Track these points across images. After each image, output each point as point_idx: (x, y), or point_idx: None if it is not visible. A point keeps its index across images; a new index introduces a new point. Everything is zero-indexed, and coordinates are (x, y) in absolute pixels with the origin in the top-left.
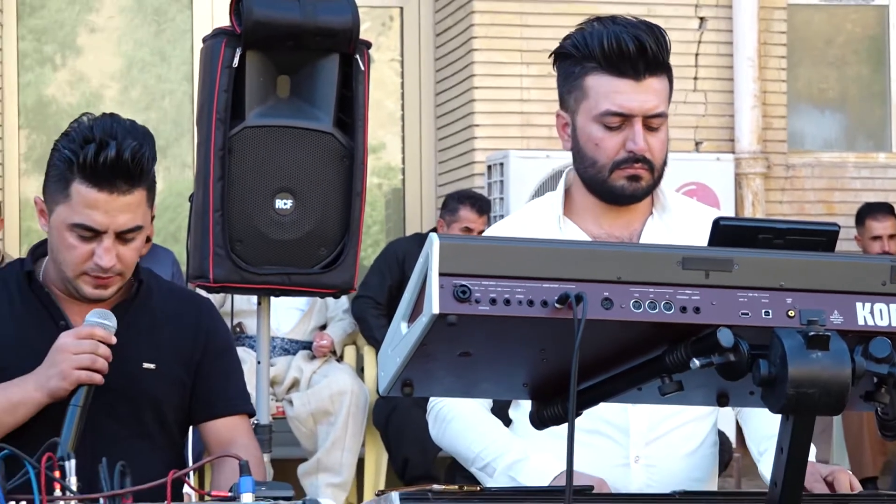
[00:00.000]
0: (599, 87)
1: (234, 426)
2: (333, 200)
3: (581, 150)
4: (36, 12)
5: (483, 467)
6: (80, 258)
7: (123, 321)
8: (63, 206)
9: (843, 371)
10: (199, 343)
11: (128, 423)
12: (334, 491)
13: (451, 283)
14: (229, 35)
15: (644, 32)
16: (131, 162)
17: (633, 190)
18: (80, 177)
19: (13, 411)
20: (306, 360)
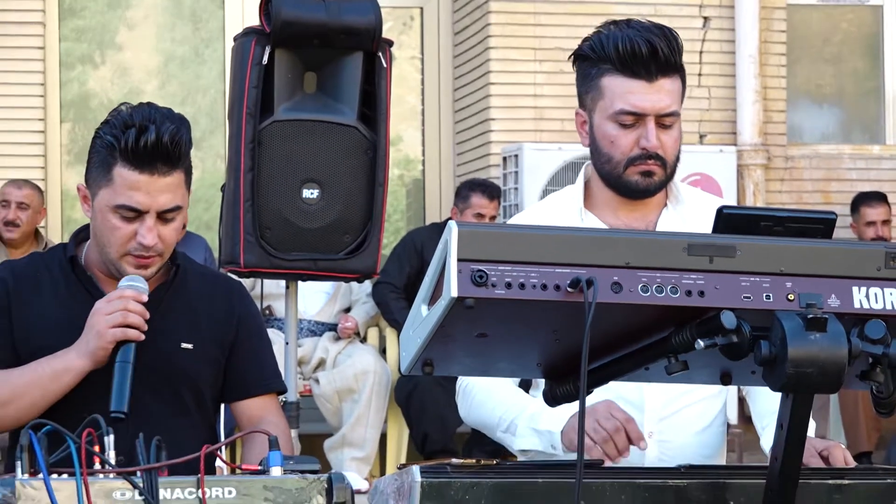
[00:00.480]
0: (614, 88)
1: (265, 405)
2: (357, 190)
3: (598, 146)
4: (77, 13)
5: (507, 428)
6: (124, 238)
7: (162, 303)
8: (106, 190)
9: (840, 352)
10: (232, 324)
11: (167, 401)
12: (358, 464)
13: (468, 268)
14: (259, 34)
15: (657, 36)
16: (170, 145)
17: (647, 185)
18: (121, 160)
19: (58, 379)
20: (332, 341)
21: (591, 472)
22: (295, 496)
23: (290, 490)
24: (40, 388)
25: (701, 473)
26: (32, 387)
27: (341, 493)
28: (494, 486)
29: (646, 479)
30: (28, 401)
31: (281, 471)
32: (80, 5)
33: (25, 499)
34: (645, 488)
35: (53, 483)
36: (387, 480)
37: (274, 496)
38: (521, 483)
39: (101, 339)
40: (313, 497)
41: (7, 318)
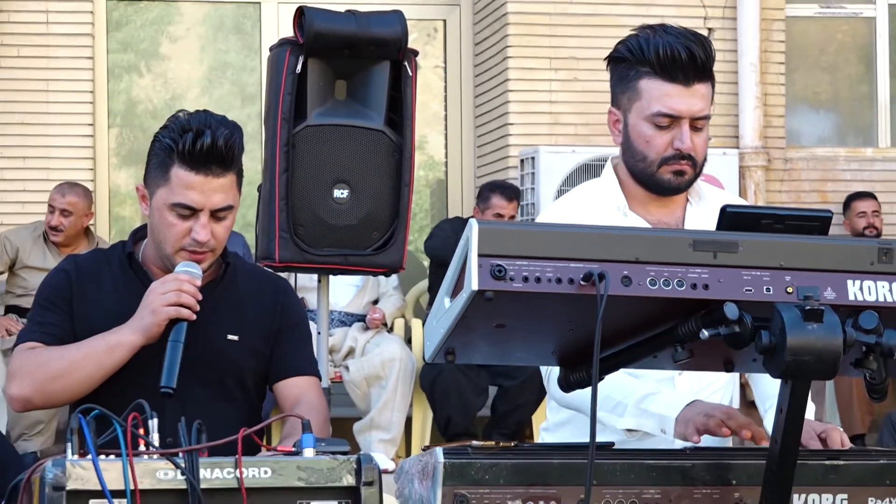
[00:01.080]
0: (652, 91)
1: (304, 385)
2: (384, 190)
3: (632, 145)
4: (122, 27)
5: (613, 408)
6: (179, 234)
7: (212, 297)
8: (163, 189)
9: (836, 341)
10: (276, 317)
11: (213, 388)
12: (385, 446)
13: (488, 263)
14: (293, 45)
15: (694, 43)
16: (224, 148)
17: (678, 183)
18: (179, 162)
19: (111, 353)
20: (361, 331)
21: (602, 454)
22: (326, 476)
23: (321, 470)
24: (95, 362)
25: (705, 454)
26: (87, 360)
27: (369, 472)
28: (512, 467)
29: (653, 460)
30: (83, 373)
31: (313, 452)
32: (127, 20)
33: (75, 478)
34: (652, 468)
35: (101, 464)
36: (412, 461)
37: (307, 476)
38: (538, 463)
39: (155, 317)
40: (343, 476)
41: (69, 304)
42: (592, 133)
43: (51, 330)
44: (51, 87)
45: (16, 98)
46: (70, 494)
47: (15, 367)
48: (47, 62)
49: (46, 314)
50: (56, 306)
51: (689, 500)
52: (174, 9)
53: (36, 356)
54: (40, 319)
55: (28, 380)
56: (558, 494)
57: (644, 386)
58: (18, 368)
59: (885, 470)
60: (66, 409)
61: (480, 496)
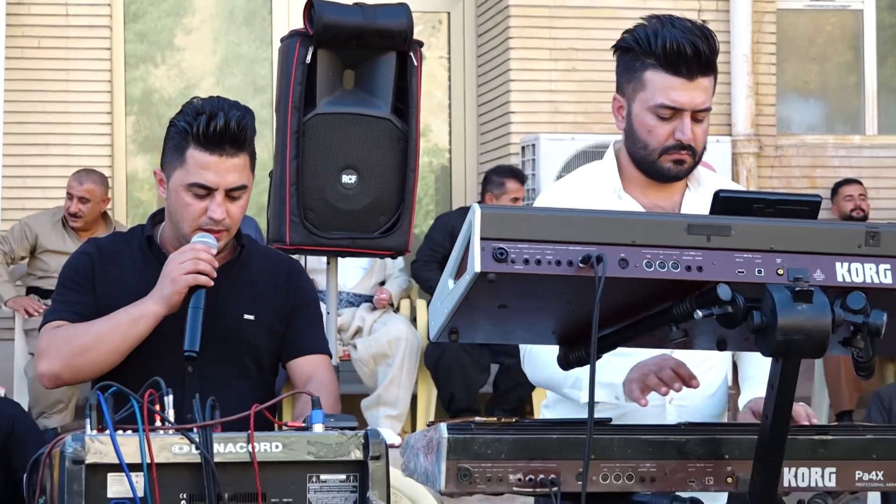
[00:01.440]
0: (656, 82)
1: (315, 363)
2: (391, 176)
3: (635, 132)
4: (139, 18)
5: (573, 384)
6: (196, 214)
7: (228, 278)
8: (180, 171)
9: (825, 321)
10: (289, 298)
11: (231, 366)
12: (392, 422)
13: (490, 246)
14: (303, 36)
15: (699, 38)
16: (237, 129)
17: (678, 172)
18: (194, 143)
19: (135, 324)
20: (368, 311)
21: (600, 429)
22: (335, 450)
23: (330, 444)
24: (120, 334)
25: (699, 430)
26: (112, 333)
27: (376, 447)
28: (513, 442)
29: (649, 436)
30: (109, 346)
31: (322, 427)
32: (143, 11)
33: (94, 452)
34: (648, 443)
35: (119, 438)
36: (417, 436)
37: (316, 450)
38: (538, 438)
39: (175, 285)
40: (352, 451)
41: (91, 284)
42: (590, 121)
43: (75, 308)
44: (70, 77)
45: (37, 87)
46: (89, 468)
47: (43, 345)
48: (67, 53)
49: (70, 294)
50: (80, 286)
51: (683, 474)
52: (188, 1)
53: (63, 333)
54: (65, 299)
55: (56, 355)
56: (558, 468)
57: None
58: (47, 346)
59: (872, 445)
60: (85, 386)
61: (483, 470)
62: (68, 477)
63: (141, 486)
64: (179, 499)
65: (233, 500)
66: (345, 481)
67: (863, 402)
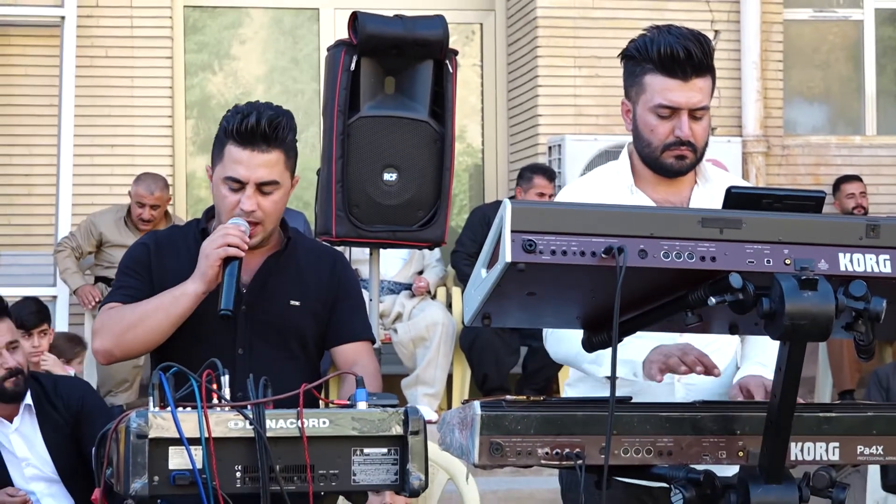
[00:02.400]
0: (654, 85)
1: (358, 350)
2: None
3: (639, 132)
4: (198, 30)
5: (594, 359)
6: (230, 206)
7: (276, 267)
8: (219, 166)
9: (829, 307)
10: (333, 286)
11: (278, 349)
12: (429, 399)
13: (520, 238)
14: (348, 45)
15: (692, 42)
16: (268, 127)
17: (679, 167)
18: (230, 140)
19: (176, 302)
20: (407, 297)
21: (621, 406)
22: (377, 426)
23: (373, 421)
24: (163, 311)
25: (713, 407)
26: (156, 311)
27: (415, 423)
28: (542, 418)
29: (667, 412)
30: (153, 323)
31: (366, 405)
32: (202, 24)
33: (156, 427)
34: (666, 420)
35: (179, 415)
36: (453, 413)
37: (360, 426)
38: (564, 415)
39: (209, 259)
40: (392, 426)
41: (148, 271)
42: (612, 123)
43: (129, 292)
44: (135, 84)
45: (104, 93)
46: (152, 441)
47: (98, 325)
48: (132, 62)
49: (126, 279)
50: (136, 272)
51: (698, 448)
52: (243, 14)
53: (115, 313)
54: (121, 284)
55: (108, 333)
56: (582, 443)
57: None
58: (101, 325)
59: (873, 421)
60: (149, 367)
61: (513, 444)
62: (133, 450)
63: (199, 459)
64: (234, 470)
65: (283, 471)
66: (386, 455)
67: (863, 382)
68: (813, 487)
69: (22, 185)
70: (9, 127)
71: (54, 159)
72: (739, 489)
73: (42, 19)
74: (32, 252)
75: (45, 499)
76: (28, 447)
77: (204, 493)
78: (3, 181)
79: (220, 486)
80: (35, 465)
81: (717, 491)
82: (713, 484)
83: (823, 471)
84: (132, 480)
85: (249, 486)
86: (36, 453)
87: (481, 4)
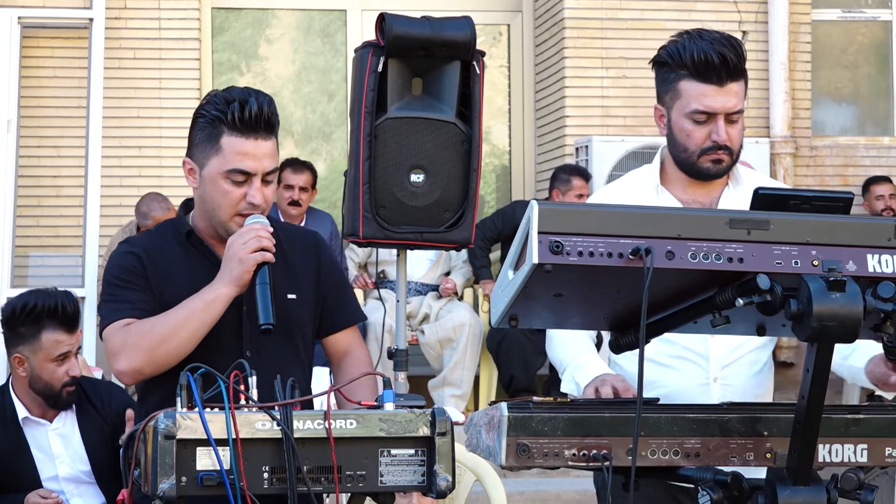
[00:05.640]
0: (690, 91)
1: (349, 337)
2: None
3: (675, 138)
4: (226, 31)
5: (563, 372)
6: (234, 200)
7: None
8: (216, 159)
9: (857, 308)
10: (321, 272)
11: (285, 346)
12: (456, 401)
13: (547, 240)
14: (375, 46)
15: (725, 47)
16: (269, 113)
17: (717, 170)
18: (228, 131)
19: (209, 308)
20: (435, 299)
21: (648, 408)
22: (405, 427)
23: (400, 422)
24: (196, 320)
25: (740, 409)
26: (188, 320)
27: (442, 424)
28: (568, 419)
29: (694, 414)
30: (187, 333)
31: (393, 406)
32: (229, 24)
33: (184, 428)
34: (693, 421)
35: (207, 416)
36: (480, 414)
37: (387, 427)
38: (591, 417)
39: (244, 264)
40: (420, 427)
41: (146, 281)
42: (639, 124)
43: (139, 305)
44: (163, 85)
45: (132, 94)
46: (179, 442)
47: (118, 344)
48: (160, 63)
49: (128, 293)
50: (135, 284)
51: (725, 450)
52: (271, 15)
53: (136, 329)
54: (124, 298)
55: (135, 351)
56: (609, 444)
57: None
58: (122, 344)
59: None
60: None
61: (540, 445)
62: (161, 451)
63: (227, 460)
64: (262, 471)
65: (311, 472)
66: (413, 455)
67: None
68: (841, 489)
69: (50, 186)
70: (38, 129)
71: (82, 161)
72: (767, 491)
73: (70, 21)
74: (61, 253)
75: (73, 499)
76: (64, 445)
77: (231, 493)
78: (31, 183)
79: (247, 487)
80: (68, 463)
81: (745, 493)
82: (740, 486)
83: (851, 472)
84: (160, 481)
85: (277, 487)
86: (72, 452)
87: (509, 5)
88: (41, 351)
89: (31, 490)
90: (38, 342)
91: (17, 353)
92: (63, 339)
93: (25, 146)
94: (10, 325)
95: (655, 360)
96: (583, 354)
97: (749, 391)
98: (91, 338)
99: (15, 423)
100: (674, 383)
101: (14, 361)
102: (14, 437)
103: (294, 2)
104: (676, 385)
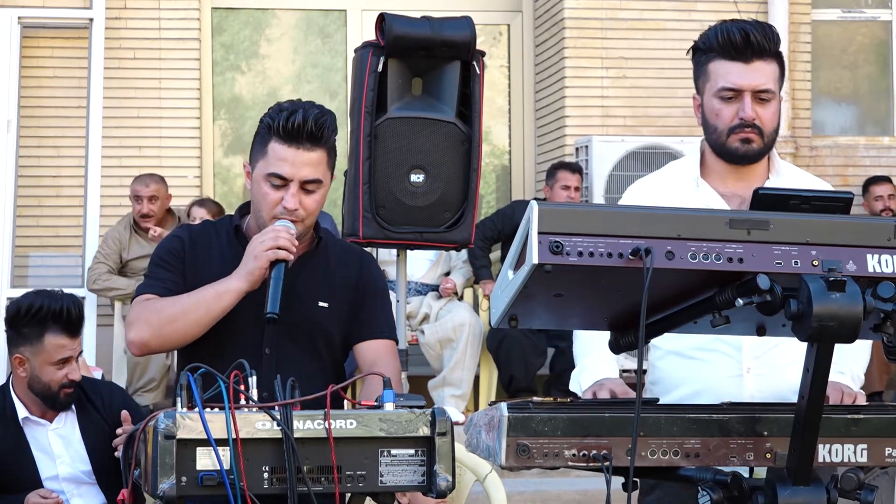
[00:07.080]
0: (717, 70)
1: (380, 348)
2: (455, 175)
3: (707, 120)
4: (224, 31)
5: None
6: (272, 203)
7: (305, 268)
8: (261, 162)
9: (857, 308)
10: (360, 286)
11: (305, 350)
12: (456, 401)
13: (547, 240)
14: (375, 47)
15: (751, 26)
16: (314, 125)
17: (746, 150)
18: (275, 137)
19: (219, 299)
20: (434, 299)
21: (647, 408)
22: (405, 427)
23: (400, 422)
24: (205, 307)
25: (739, 409)
26: (198, 305)
27: (442, 424)
28: (569, 420)
29: (694, 414)
30: (194, 317)
31: (393, 406)
32: (228, 24)
33: (184, 428)
34: (693, 421)
35: (207, 415)
36: (480, 414)
37: (387, 427)
38: (591, 417)
39: (258, 261)
40: (420, 427)
41: (182, 264)
42: (639, 124)
43: (165, 284)
44: (163, 85)
45: (132, 94)
46: (179, 442)
47: (133, 316)
48: (159, 63)
49: (161, 271)
50: (170, 265)
51: (725, 450)
52: (270, 15)
53: (152, 304)
54: (156, 275)
55: (145, 325)
56: (609, 444)
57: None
58: (136, 316)
59: None
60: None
61: (540, 446)
62: (161, 451)
63: (227, 460)
64: (262, 471)
65: (311, 472)
66: (413, 455)
67: (892, 384)
68: (841, 489)
69: (50, 186)
70: (38, 129)
71: (82, 160)
72: (767, 491)
73: (70, 21)
74: (61, 253)
75: (74, 499)
76: (65, 445)
77: (231, 493)
78: (31, 182)
79: (247, 487)
80: (68, 463)
81: (745, 493)
82: (740, 486)
83: (851, 472)
84: (160, 481)
85: (277, 487)
86: (72, 452)
87: (508, 6)
88: (42, 353)
89: (31, 490)
90: (40, 344)
91: (18, 353)
92: (65, 344)
93: (25, 146)
94: (14, 324)
95: (684, 354)
96: (592, 355)
97: (784, 384)
98: (91, 338)
99: (15, 422)
100: (704, 378)
101: (15, 361)
102: (14, 436)
103: (294, 2)
104: (707, 380)
